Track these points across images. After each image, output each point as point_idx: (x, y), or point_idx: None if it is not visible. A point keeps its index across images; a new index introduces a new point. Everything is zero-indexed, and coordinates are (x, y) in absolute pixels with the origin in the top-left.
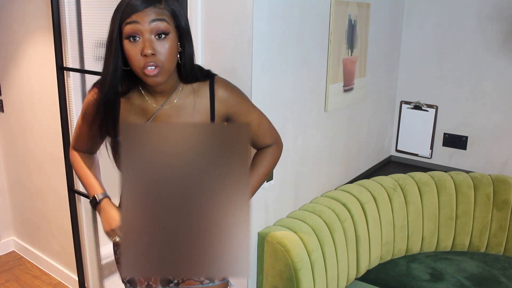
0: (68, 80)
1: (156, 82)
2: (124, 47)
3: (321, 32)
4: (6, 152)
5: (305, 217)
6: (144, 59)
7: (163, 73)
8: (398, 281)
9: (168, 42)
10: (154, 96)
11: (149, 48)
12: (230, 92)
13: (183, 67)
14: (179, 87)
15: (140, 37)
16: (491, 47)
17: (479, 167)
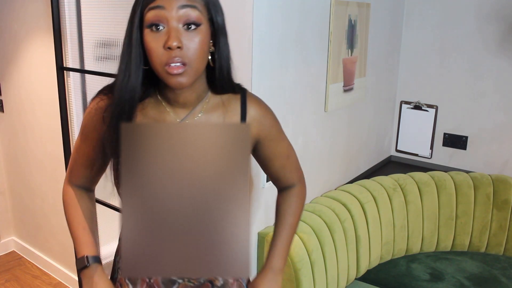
0: (68, 80)
1: (180, 84)
2: (144, 38)
3: (321, 32)
4: (6, 152)
5: (305, 217)
6: (168, 53)
7: (189, 73)
8: (398, 281)
9: (199, 35)
10: (174, 107)
11: (174, 40)
12: (264, 112)
13: (219, 72)
14: (205, 97)
15: (165, 25)
16: (491, 47)
17: (479, 167)
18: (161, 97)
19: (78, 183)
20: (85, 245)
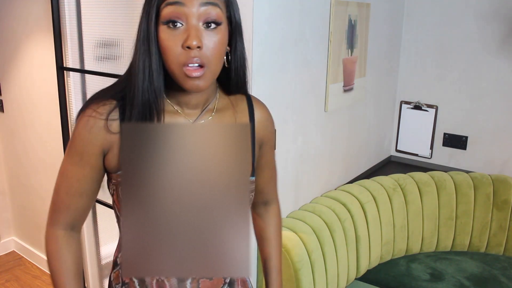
0: (68, 80)
1: (198, 87)
2: (158, 35)
3: (321, 32)
4: (6, 152)
5: (305, 217)
6: (187, 53)
7: (208, 76)
8: (398, 281)
9: (218, 35)
10: (182, 108)
11: (194, 39)
12: (269, 116)
13: (235, 72)
14: (215, 98)
15: (183, 23)
16: (491, 47)
17: (479, 167)
18: (169, 99)
19: (67, 221)
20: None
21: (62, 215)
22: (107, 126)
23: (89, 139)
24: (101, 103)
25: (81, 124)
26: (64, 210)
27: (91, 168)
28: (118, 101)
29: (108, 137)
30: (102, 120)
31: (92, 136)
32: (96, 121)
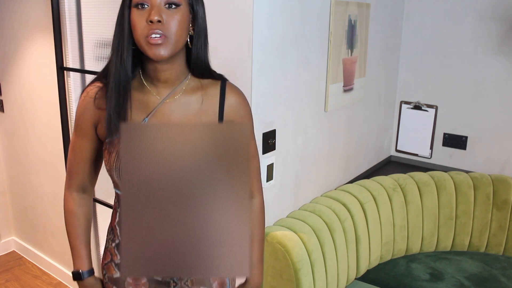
0: (68, 80)
1: (159, 54)
2: (130, 17)
3: (321, 32)
4: (6, 152)
5: (305, 217)
6: (149, 26)
7: (168, 45)
8: (398, 281)
9: (178, 13)
10: (156, 87)
11: (156, 14)
12: (242, 101)
13: (195, 54)
14: (185, 79)
15: (148, 4)
16: (490, 47)
17: (479, 167)
18: (144, 78)
19: (78, 183)
20: (81, 258)
21: (73, 179)
22: (95, 104)
23: (83, 115)
24: (91, 86)
25: (78, 105)
26: (74, 175)
27: (88, 138)
28: (103, 82)
29: (97, 112)
30: (91, 99)
31: (85, 113)
32: (87, 100)
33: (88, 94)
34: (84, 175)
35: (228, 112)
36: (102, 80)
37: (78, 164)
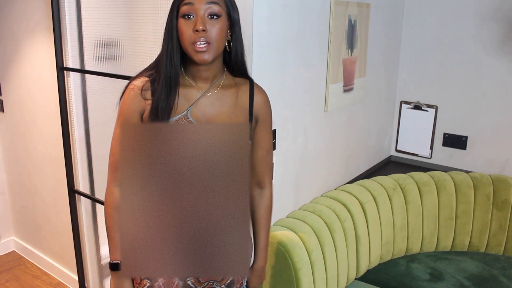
0: (68, 80)
1: (204, 59)
2: (178, 25)
3: (321, 32)
4: (6, 152)
5: (305, 217)
6: (195, 34)
7: (211, 51)
8: (398, 281)
9: (219, 23)
10: (196, 83)
11: (201, 24)
12: (266, 100)
13: (234, 55)
14: (222, 76)
15: (194, 15)
16: (490, 47)
17: (479, 167)
18: (186, 74)
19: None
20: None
21: (118, 172)
22: (142, 95)
23: (131, 105)
24: (137, 80)
25: (125, 96)
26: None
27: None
28: (149, 77)
29: (143, 102)
30: (139, 90)
31: (132, 103)
32: (134, 92)
33: (136, 86)
34: None
35: (256, 108)
36: (146, 75)
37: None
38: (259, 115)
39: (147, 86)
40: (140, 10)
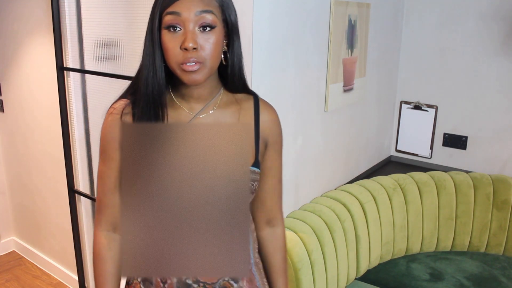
0: (68, 80)
1: (195, 80)
2: (161, 37)
3: (321, 32)
4: (6, 152)
5: (305, 217)
6: (184, 53)
7: (204, 70)
8: (398, 281)
9: (213, 36)
10: (188, 102)
11: (190, 41)
12: (276, 119)
13: (231, 69)
14: (218, 93)
15: (181, 28)
16: (490, 47)
17: (479, 167)
18: (174, 93)
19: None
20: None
21: (103, 215)
22: (122, 120)
23: (109, 135)
24: (117, 103)
25: (103, 125)
26: (104, 209)
27: (114, 162)
28: (130, 98)
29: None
30: (118, 115)
31: (111, 131)
32: (113, 117)
33: (115, 110)
34: (113, 208)
35: (263, 128)
36: (128, 97)
37: (107, 196)
38: (268, 137)
39: (128, 110)
40: (140, 10)
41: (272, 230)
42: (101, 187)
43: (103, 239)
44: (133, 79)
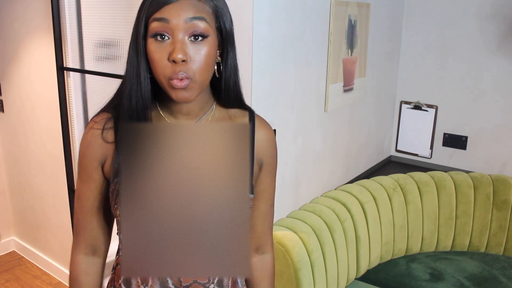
0: (68, 80)
1: (184, 98)
2: (147, 46)
3: (321, 32)
4: (7, 152)
5: (305, 217)
6: (172, 66)
7: (194, 87)
8: (398, 281)
9: (205, 47)
10: (176, 118)
11: (179, 52)
12: (271, 138)
13: (225, 83)
14: (210, 109)
15: (169, 36)
16: (490, 47)
17: (479, 167)
18: (161, 108)
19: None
20: None
21: (81, 237)
22: (103, 136)
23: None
24: (98, 117)
25: (83, 140)
26: (82, 232)
27: (94, 182)
28: (112, 112)
29: (104, 146)
30: (99, 130)
31: (90, 148)
32: (93, 132)
33: (96, 124)
34: (93, 231)
35: (258, 147)
36: (110, 111)
37: (85, 218)
38: (263, 158)
39: (110, 125)
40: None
41: (261, 258)
42: (79, 208)
43: (81, 263)
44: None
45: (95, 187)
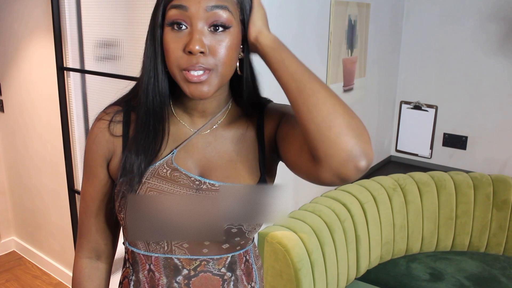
0: (68, 80)
1: (200, 93)
2: (164, 37)
3: (321, 32)
4: (6, 152)
5: (305, 217)
6: (188, 58)
7: (212, 82)
8: (398, 281)
9: (227, 38)
10: (190, 116)
11: (197, 43)
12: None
13: (246, 83)
14: (226, 106)
15: (187, 26)
16: (490, 47)
17: (479, 167)
18: (174, 104)
19: (90, 245)
20: None
21: (85, 239)
22: (110, 129)
23: (95, 147)
24: (109, 109)
25: (90, 132)
26: (86, 234)
27: (99, 181)
28: (123, 106)
29: (111, 141)
30: (106, 121)
31: (96, 142)
32: (100, 124)
33: (105, 116)
34: (97, 233)
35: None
36: (121, 104)
37: (89, 219)
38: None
39: (119, 118)
40: (140, 10)
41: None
42: (83, 208)
43: (84, 267)
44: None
45: (100, 185)
